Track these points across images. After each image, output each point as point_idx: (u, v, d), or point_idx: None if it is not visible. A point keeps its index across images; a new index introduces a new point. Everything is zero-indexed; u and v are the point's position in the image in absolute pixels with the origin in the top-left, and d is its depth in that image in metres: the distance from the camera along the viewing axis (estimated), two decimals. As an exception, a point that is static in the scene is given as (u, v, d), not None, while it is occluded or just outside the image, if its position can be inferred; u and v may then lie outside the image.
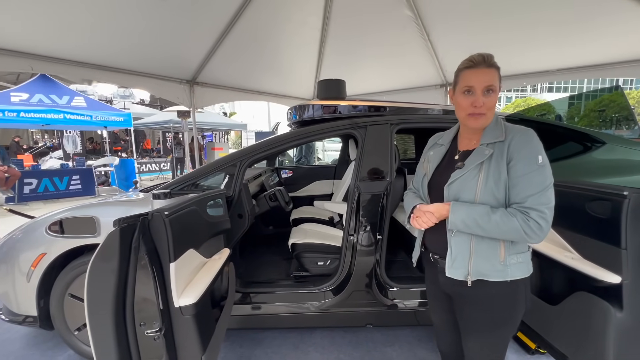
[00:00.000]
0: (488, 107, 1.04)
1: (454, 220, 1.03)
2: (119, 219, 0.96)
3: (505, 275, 1.03)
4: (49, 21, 3.03)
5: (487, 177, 1.03)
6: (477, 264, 1.04)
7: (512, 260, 1.04)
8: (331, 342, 2.16)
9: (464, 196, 1.06)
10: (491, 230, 0.99)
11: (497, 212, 0.98)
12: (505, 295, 1.06)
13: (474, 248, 1.05)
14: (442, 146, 1.24)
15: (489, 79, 1.02)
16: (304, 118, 2.22)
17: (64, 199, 7.22)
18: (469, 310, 1.12)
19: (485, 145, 1.06)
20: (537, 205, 0.95)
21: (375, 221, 1.97)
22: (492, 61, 1.03)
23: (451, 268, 1.09)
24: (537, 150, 0.99)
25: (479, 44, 3.99)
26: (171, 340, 1.08)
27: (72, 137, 11.01)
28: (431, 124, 2.15)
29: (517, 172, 0.99)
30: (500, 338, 1.12)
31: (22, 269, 1.91)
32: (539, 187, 0.96)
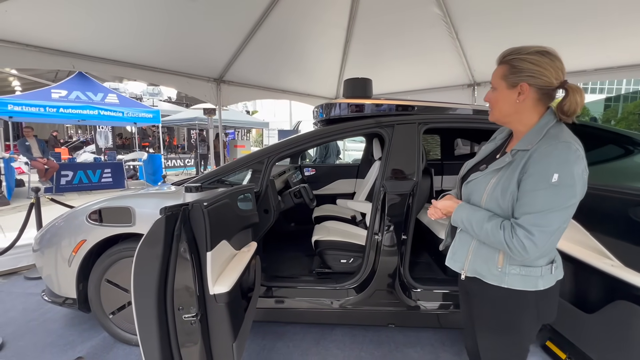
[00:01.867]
0: (491, 103, 1.06)
1: (454, 219, 1.08)
2: (165, 207, 1.02)
3: (502, 282, 1.02)
4: (89, 23, 3.21)
5: (496, 185, 1.00)
6: (474, 262, 1.07)
7: (513, 270, 1.00)
8: (352, 339, 2.17)
9: (474, 198, 1.07)
10: (483, 238, 1.01)
11: (491, 222, 0.97)
12: (505, 300, 1.03)
13: (474, 248, 1.08)
14: (493, 142, 1.21)
15: (493, 76, 1.05)
16: (331, 116, 2.24)
17: (96, 190, 7.61)
18: (473, 305, 1.15)
19: (515, 152, 1.00)
20: (529, 225, 0.90)
21: (401, 221, 1.96)
22: (505, 58, 1.02)
23: (451, 259, 1.15)
24: (556, 167, 0.88)
25: (510, 43, 3.86)
26: (205, 326, 1.13)
27: (105, 132, 11.58)
28: (460, 124, 2.12)
29: (526, 186, 0.93)
30: (508, 344, 1.09)
31: (64, 254, 2.04)
32: (541, 207, 0.90)
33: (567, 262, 1.42)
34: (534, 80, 0.96)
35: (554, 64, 0.95)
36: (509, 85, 1.00)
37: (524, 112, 1.01)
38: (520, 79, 0.97)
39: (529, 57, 0.96)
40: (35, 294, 2.65)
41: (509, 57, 1.00)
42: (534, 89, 0.97)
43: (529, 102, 0.99)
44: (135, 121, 8.76)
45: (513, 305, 1.03)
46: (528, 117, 1.02)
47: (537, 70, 0.95)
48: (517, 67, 0.98)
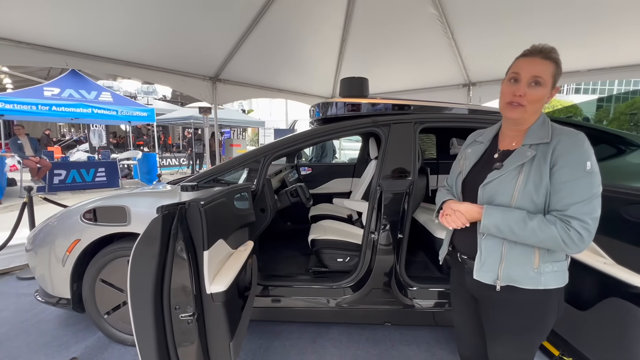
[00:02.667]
0: (529, 99, 0.97)
1: (486, 225, 0.99)
2: (162, 206, 1.01)
3: (538, 284, 0.98)
4: (82, 20, 3.17)
5: (526, 181, 0.97)
6: (508, 269, 1.00)
7: (547, 268, 0.99)
8: (348, 338, 2.17)
9: (500, 199, 1.01)
10: (526, 238, 0.95)
11: (535, 219, 0.93)
12: (536, 303, 1.01)
13: (506, 252, 1.01)
14: (481, 144, 1.19)
15: (538, 70, 0.96)
16: (328, 115, 2.24)
17: (90, 190, 7.54)
18: (496, 314, 1.08)
19: (528, 146, 1.00)
20: (580, 214, 0.90)
21: (397, 220, 1.97)
22: (550, 54, 0.97)
23: (479, 271, 1.05)
24: (586, 156, 0.92)
25: (505, 44, 3.90)
26: (202, 325, 1.13)
27: (98, 131, 11.45)
28: (457, 123, 2.13)
29: (562, 177, 0.93)
30: (528, 345, 1.08)
31: (57, 254, 2.02)
32: (585, 195, 0.90)
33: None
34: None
35: None
36: (553, 85, 0.99)
37: (538, 112, 1.03)
38: (558, 81, 0.99)
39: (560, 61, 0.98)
40: (28, 294, 2.62)
41: (554, 54, 0.97)
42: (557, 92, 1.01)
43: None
44: (130, 120, 8.67)
45: (545, 306, 1.01)
46: (538, 114, 1.03)
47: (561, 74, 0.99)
48: (560, 68, 0.98)
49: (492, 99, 5.07)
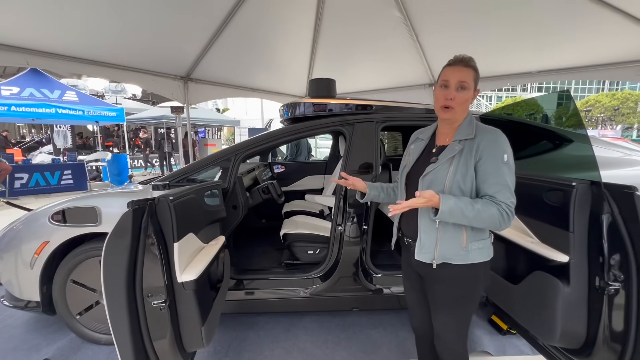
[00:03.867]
0: (458, 102, 1.15)
1: (443, 209, 1.09)
2: (132, 201, 1.08)
3: (467, 259, 1.17)
4: (45, 17, 3.08)
5: (455, 171, 1.15)
6: (442, 249, 1.18)
7: (473, 246, 1.17)
8: (320, 325, 2.31)
9: (435, 187, 1.17)
10: (473, 219, 1.08)
11: (479, 202, 1.10)
12: (468, 276, 1.19)
13: (440, 236, 1.18)
14: (422, 141, 1.36)
15: (462, 76, 1.14)
16: (296, 115, 2.35)
17: (56, 193, 7.21)
18: (437, 288, 1.26)
19: (458, 142, 1.18)
20: (506, 198, 1.09)
21: (361, 212, 2.12)
22: (469, 62, 1.16)
23: (420, 253, 1.23)
24: (503, 149, 1.12)
25: (464, 45, 4.16)
26: (174, 312, 1.20)
27: (63, 131, 10.92)
28: (414, 122, 2.30)
29: (487, 168, 1.11)
30: (465, 313, 1.26)
31: (24, 257, 2.00)
32: (506, 181, 1.10)
33: (499, 242, 1.63)
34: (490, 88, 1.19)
35: None
36: (475, 87, 1.18)
37: (466, 111, 1.21)
38: (478, 84, 1.18)
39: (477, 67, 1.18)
40: (-7, 301, 2.55)
41: (473, 63, 1.17)
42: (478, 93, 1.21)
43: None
44: (97, 120, 8.36)
45: (474, 278, 1.20)
46: (464, 115, 1.22)
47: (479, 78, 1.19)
48: (478, 73, 1.17)
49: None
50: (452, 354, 1.29)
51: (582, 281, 1.24)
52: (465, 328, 1.29)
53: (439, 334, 1.30)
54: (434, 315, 1.30)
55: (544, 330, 1.35)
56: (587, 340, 1.26)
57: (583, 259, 1.25)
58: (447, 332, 1.28)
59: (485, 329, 2.24)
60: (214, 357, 1.97)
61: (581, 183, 1.25)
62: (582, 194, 1.24)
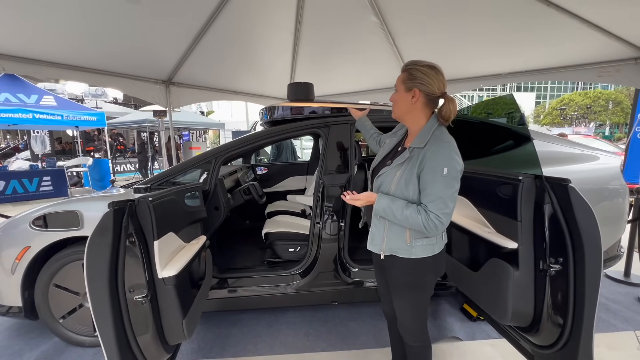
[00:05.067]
0: (393, 101, 1.32)
1: (377, 208, 1.26)
2: (112, 202, 1.15)
3: (411, 254, 1.27)
4: (20, 23, 3.07)
5: (400, 177, 1.24)
6: (389, 242, 1.30)
7: (417, 243, 1.27)
8: (302, 319, 2.40)
9: (383, 188, 1.30)
10: (402, 221, 1.21)
11: (410, 208, 1.19)
12: (412, 267, 1.29)
13: (387, 230, 1.30)
14: (395, 138, 1.45)
15: (397, 80, 1.29)
16: (274, 118, 2.44)
17: (34, 200, 7.04)
18: (389, 276, 1.38)
19: (410, 149, 1.25)
20: (436, 209, 1.15)
21: (338, 210, 2.23)
22: (404, 67, 1.28)
23: (371, 244, 1.38)
24: (444, 163, 1.16)
25: (438, 50, 4.36)
26: (156, 306, 1.27)
27: (41, 137, 10.63)
28: (388, 123, 2.42)
29: (426, 179, 1.18)
30: (418, 298, 1.36)
31: (4, 264, 2.02)
32: (440, 194, 1.15)
33: (461, 232, 1.77)
34: (423, 87, 1.24)
35: (438, 77, 1.24)
36: (406, 89, 1.26)
37: (415, 113, 1.29)
38: (414, 85, 1.24)
39: (422, 68, 1.24)
40: (-28, 309, 2.53)
41: (409, 66, 1.26)
42: (423, 94, 1.25)
43: (419, 104, 1.27)
44: (77, 125, 8.20)
45: (420, 270, 1.30)
46: (418, 118, 1.29)
47: (426, 80, 1.23)
48: (413, 75, 1.24)
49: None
50: (410, 335, 1.41)
51: (529, 265, 1.38)
52: (421, 311, 1.39)
53: (398, 317, 1.43)
54: (393, 300, 1.43)
55: (499, 311, 1.49)
56: (534, 318, 1.40)
57: (529, 245, 1.39)
58: (404, 315, 1.40)
59: (457, 317, 2.39)
60: (198, 354, 2.04)
61: (527, 177, 1.39)
62: (528, 186, 1.38)
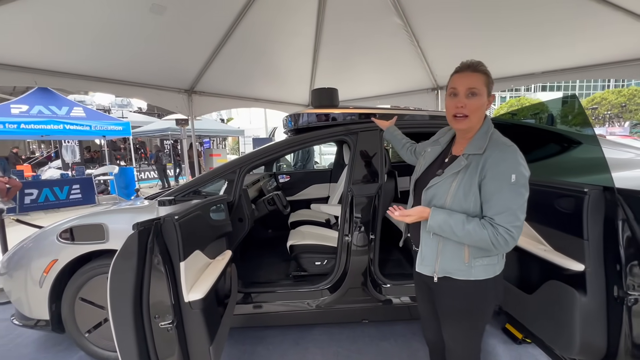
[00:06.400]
0: (470, 109, 1.09)
1: (432, 224, 1.10)
2: (137, 223, 1.08)
3: (469, 275, 1.12)
4: (51, 38, 3.16)
5: (458, 187, 1.10)
6: (443, 263, 1.15)
7: (477, 262, 1.12)
8: (329, 337, 2.27)
9: (436, 201, 1.14)
10: (463, 238, 1.06)
11: (472, 222, 1.04)
12: (470, 291, 1.14)
13: (441, 249, 1.15)
14: (439, 146, 1.31)
15: (471, 82, 1.08)
16: (299, 125, 2.35)
17: (65, 208, 7.30)
18: (442, 301, 1.22)
19: (466, 156, 1.11)
20: (506, 222, 1.01)
21: (368, 221, 2.10)
22: (478, 67, 1.09)
23: (421, 265, 1.22)
24: (511, 169, 1.02)
25: (466, 49, 4.16)
26: (182, 332, 1.19)
27: (71, 146, 11.11)
28: (419, 129, 2.28)
29: (490, 189, 1.04)
30: (474, 327, 1.22)
31: (34, 276, 2.01)
32: (509, 205, 1.01)
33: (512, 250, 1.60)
34: (492, 91, 1.13)
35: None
36: (488, 93, 1.11)
37: (482, 119, 1.15)
38: (492, 89, 1.12)
39: (489, 71, 1.12)
40: (4, 320, 2.56)
41: (483, 67, 1.10)
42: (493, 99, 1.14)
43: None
44: (104, 134, 8.48)
45: (479, 294, 1.15)
46: (480, 123, 1.15)
47: (493, 83, 1.13)
48: (491, 78, 1.11)
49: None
50: None
51: (600, 291, 1.20)
52: (477, 341, 1.25)
53: (450, 347, 1.27)
54: (443, 327, 1.27)
55: (562, 342, 1.31)
56: (609, 352, 1.22)
57: (600, 267, 1.21)
58: (457, 345, 1.25)
59: (500, 338, 2.19)
60: (224, 374, 1.95)
61: (593, 189, 1.21)
62: (595, 200, 1.21)
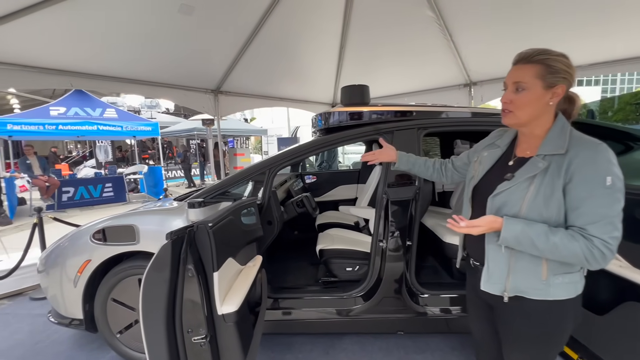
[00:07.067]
0: (517, 104, 0.97)
1: (506, 237, 0.94)
2: (170, 232, 1.02)
3: (547, 295, 0.96)
4: (85, 41, 3.24)
5: (536, 193, 0.94)
6: (516, 280, 0.99)
7: (557, 280, 0.96)
8: (361, 348, 2.15)
9: (507, 210, 0.98)
10: (547, 252, 0.91)
11: (558, 234, 0.89)
12: (547, 312, 0.98)
13: (513, 265, 0.99)
14: (498, 148, 1.14)
15: (517, 75, 0.96)
16: (330, 124, 2.24)
17: (98, 205, 7.61)
18: (509, 323, 1.06)
19: (542, 157, 0.96)
20: (602, 233, 0.86)
21: (405, 227, 1.96)
22: (533, 57, 0.95)
23: (487, 282, 1.04)
24: (605, 170, 0.87)
25: (504, 43, 3.89)
26: (215, 347, 1.12)
27: (104, 146, 11.62)
28: (459, 127, 2.12)
29: (580, 193, 0.89)
30: (545, 353, 1.06)
31: (69, 275, 2.04)
32: (605, 213, 0.86)
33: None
34: (567, 83, 0.95)
35: (573, 69, 0.96)
36: (546, 86, 0.94)
37: (546, 115, 0.99)
38: (557, 80, 0.94)
39: (560, 59, 0.94)
40: (41, 315, 2.64)
41: (540, 56, 0.95)
42: (564, 91, 0.96)
43: (555, 104, 0.97)
44: (134, 134, 8.79)
45: (557, 316, 0.99)
46: (546, 120, 0.99)
47: (569, 73, 0.94)
48: (554, 67, 0.93)
49: (494, 98, 5.05)
50: None
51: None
52: None
53: None
54: (507, 353, 1.11)
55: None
56: None
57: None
58: None
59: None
60: (253, 382, 1.88)
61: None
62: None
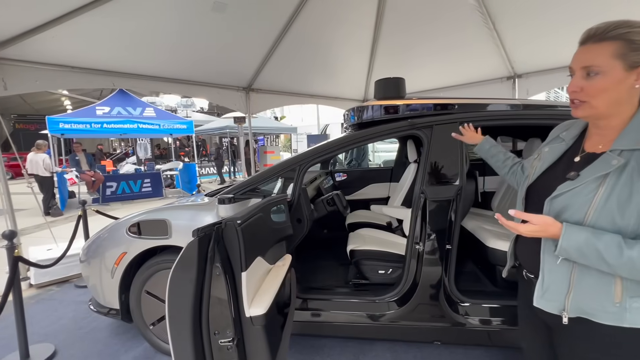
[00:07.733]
0: (589, 92, 0.79)
1: (565, 247, 0.79)
2: (197, 229, 0.98)
3: (622, 321, 0.78)
4: (126, 42, 3.38)
5: (608, 196, 0.77)
6: (579, 300, 0.82)
7: (636, 303, 0.77)
8: (394, 356, 2.03)
9: (569, 215, 0.83)
10: (620, 269, 0.75)
11: (636, 247, 0.73)
12: (627, 342, 0.80)
13: (575, 280, 0.82)
14: (562, 142, 0.97)
15: (587, 58, 0.79)
16: (364, 120, 2.13)
17: (138, 199, 8.04)
18: (573, 349, 0.89)
19: (618, 152, 0.79)
20: None
21: (444, 229, 1.81)
22: (607, 34, 0.77)
23: (541, 299, 0.88)
24: None
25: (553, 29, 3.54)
26: (242, 351, 1.07)
27: (144, 144, 12.28)
28: (508, 120, 1.92)
29: None
30: None
31: (107, 266, 2.11)
32: None
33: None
34: None
35: None
36: (628, 66, 0.76)
37: (630, 102, 0.81)
38: (631, 59, 0.76)
39: (634, 33, 0.75)
40: (84, 302, 2.78)
41: (618, 30, 0.76)
42: None
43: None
44: (171, 132, 9.17)
45: (634, 347, 0.80)
46: (629, 108, 0.81)
47: None
48: (630, 41, 0.75)
49: (540, 92, 4.65)
50: None
51: None
52: None
53: None
54: None
55: None
56: None
57: None
58: None
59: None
60: (280, 384, 1.83)
61: None
62: None
